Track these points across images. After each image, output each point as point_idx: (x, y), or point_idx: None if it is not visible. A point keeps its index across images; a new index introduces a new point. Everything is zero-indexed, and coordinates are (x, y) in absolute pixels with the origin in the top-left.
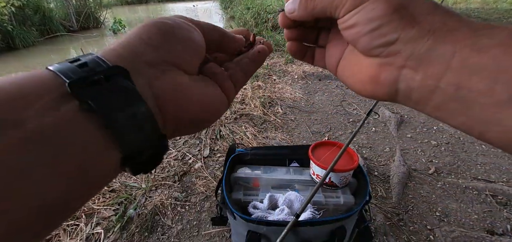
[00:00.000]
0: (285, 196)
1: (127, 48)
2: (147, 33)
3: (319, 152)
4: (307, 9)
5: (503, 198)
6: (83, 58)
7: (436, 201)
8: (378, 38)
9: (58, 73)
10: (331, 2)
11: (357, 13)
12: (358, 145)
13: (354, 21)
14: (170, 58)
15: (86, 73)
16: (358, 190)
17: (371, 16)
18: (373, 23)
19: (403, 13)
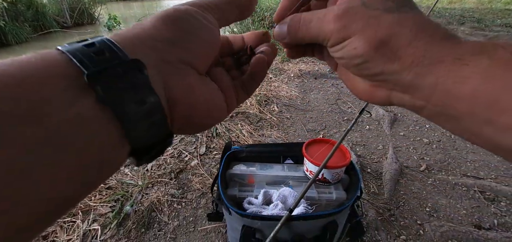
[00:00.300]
0: (279, 192)
1: (144, 39)
2: (166, 26)
3: (313, 149)
4: (296, 38)
5: (491, 194)
6: (97, 42)
7: (426, 197)
8: (364, 71)
9: (75, 60)
10: (317, 35)
11: (342, 49)
12: (352, 142)
13: (341, 55)
14: (186, 57)
15: (103, 65)
16: (350, 186)
17: (354, 54)
18: (356, 59)
19: (383, 50)
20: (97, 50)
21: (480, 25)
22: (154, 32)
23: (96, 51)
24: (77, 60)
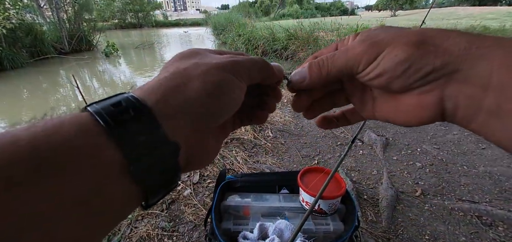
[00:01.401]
0: (275, 225)
1: (184, 108)
2: (206, 94)
3: (308, 178)
4: (321, 75)
5: (488, 218)
6: (122, 99)
7: (424, 224)
8: (413, 75)
9: (100, 121)
10: (346, 64)
11: (380, 63)
12: (347, 168)
13: (380, 71)
14: (214, 124)
15: (125, 123)
16: (347, 216)
17: (398, 60)
18: (402, 65)
19: (426, 48)
20: (123, 109)
21: None
22: (194, 101)
23: (122, 110)
24: (101, 119)
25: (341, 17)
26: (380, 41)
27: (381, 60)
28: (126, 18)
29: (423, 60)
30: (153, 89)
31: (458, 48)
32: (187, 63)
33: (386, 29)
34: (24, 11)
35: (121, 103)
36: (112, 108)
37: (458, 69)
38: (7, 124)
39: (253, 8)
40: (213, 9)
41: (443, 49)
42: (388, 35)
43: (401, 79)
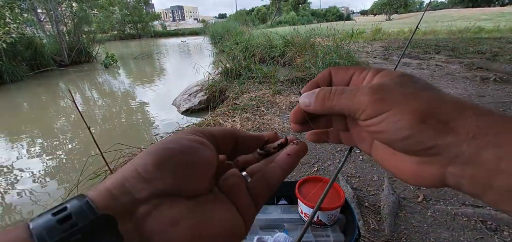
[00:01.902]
0: (274, 238)
1: (120, 185)
2: (143, 165)
3: (306, 189)
4: (324, 107)
5: (493, 223)
6: (70, 206)
7: (428, 231)
8: (413, 146)
9: (35, 239)
10: (349, 106)
11: (383, 121)
12: (347, 175)
13: (382, 129)
14: (166, 188)
15: (62, 237)
16: (347, 227)
17: (399, 126)
18: (402, 132)
19: (431, 122)
20: (63, 217)
21: (454, 54)
22: (132, 173)
23: (62, 218)
24: (37, 237)
25: (337, 22)
26: (388, 99)
27: (384, 119)
28: (125, 29)
29: (425, 135)
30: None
31: (466, 131)
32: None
33: (407, 83)
34: (24, 25)
35: (70, 217)
36: (57, 225)
37: (463, 153)
38: (7, 137)
39: (250, 16)
40: (211, 18)
41: (449, 128)
42: (400, 94)
43: (400, 144)
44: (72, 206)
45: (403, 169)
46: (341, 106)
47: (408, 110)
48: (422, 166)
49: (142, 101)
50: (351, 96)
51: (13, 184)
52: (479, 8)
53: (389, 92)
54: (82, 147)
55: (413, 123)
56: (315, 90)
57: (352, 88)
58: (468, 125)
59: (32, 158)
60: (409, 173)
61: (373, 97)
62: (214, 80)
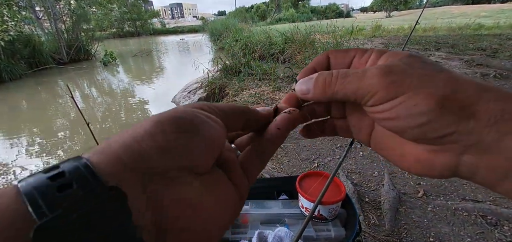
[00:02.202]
0: (275, 233)
1: (131, 150)
2: (160, 132)
3: (307, 183)
4: (325, 93)
5: (493, 218)
6: (67, 170)
7: (428, 226)
8: (429, 132)
9: (28, 205)
10: (355, 91)
11: (396, 107)
12: (347, 170)
13: (395, 114)
14: (182, 162)
15: (64, 207)
16: (348, 221)
17: (416, 112)
18: (419, 118)
19: (451, 106)
20: (62, 185)
21: (454, 50)
22: (145, 137)
23: (60, 185)
24: (30, 205)
25: (337, 19)
26: (402, 81)
27: (398, 104)
28: (124, 27)
29: (445, 120)
30: (102, 145)
31: (488, 116)
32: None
33: (417, 64)
34: (23, 23)
35: (64, 174)
36: (56, 192)
37: (483, 140)
38: (6, 136)
39: (249, 14)
40: (210, 16)
41: (470, 112)
42: (415, 76)
43: (415, 132)
44: (71, 172)
45: (410, 159)
46: (345, 91)
47: (425, 94)
48: (433, 154)
49: (141, 99)
50: (358, 80)
51: (12, 182)
52: (479, 5)
53: (403, 74)
54: (81, 145)
55: (431, 108)
56: (313, 76)
57: (358, 71)
58: (491, 109)
59: (31, 156)
60: (417, 163)
61: (385, 80)
62: (213, 78)
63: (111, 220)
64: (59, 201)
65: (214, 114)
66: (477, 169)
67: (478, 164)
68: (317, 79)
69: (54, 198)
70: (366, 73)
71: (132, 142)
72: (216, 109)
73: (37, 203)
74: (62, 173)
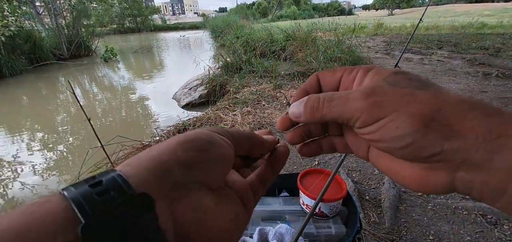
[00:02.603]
0: (275, 230)
1: (157, 163)
2: (182, 150)
3: (308, 181)
4: (314, 117)
5: (493, 217)
6: (105, 180)
7: (428, 224)
8: (416, 153)
9: (74, 207)
10: (341, 114)
11: (380, 129)
12: (348, 168)
13: (379, 137)
14: (201, 177)
15: (103, 210)
16: (349, 218)
17: (398, 134)
18: (403, 140)
19: (435, 126)
20: (102, 190)
21: (457, 49)
22: (170, 155)
23: (101, 191)
24: (76, 207)
25: (339, 17)
26: (383, 103)
27: (381, 127)
28: (125, 23)
29: (429, 140)
30: (132, 158)
31: (475, 135)
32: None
33: (402, 82)
34: (23, 18)
35: (101, 182)
36: (96, 197)
37: (472, 158)
38: (7, 131)
39: (250, 10)
40: (211, 12)
41: (456, 131)
42: (397, 96)
43: (402, 152)
44: (108, 182)
45: (406, 176)
46: (332, 115)
47: (407, 115)
48: (428, 172)
49: (142, 95)
50: (342, 104)
51: (14, 178)
52: (483, 4)
53: (384, 95)
54: (82, 140)
55: (414, 129)
56: (303, 99)
57: (342, 94)
58: (477, 127)
59: (32, 152)
60: (413, 180)
61: (366, 103)
62: (214, 74)
63: (142, 221)
64: (100, 204)
65: (226, 137)
66: (472, 184)
67: (472, 181)
68: (306, 104)
69: (95, 201)
70: (349, 97)
71: (157, 157)
72: (227, 132)
73: (82, 205)
74: (100, 182)
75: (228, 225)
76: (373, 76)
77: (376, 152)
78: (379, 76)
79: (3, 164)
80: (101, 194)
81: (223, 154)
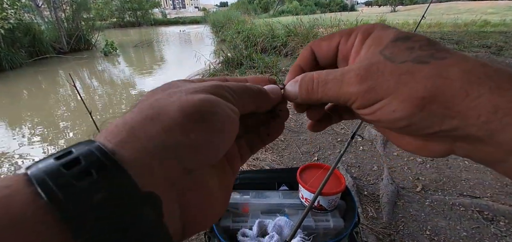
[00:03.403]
0: (275, 222)
1: (165, 147)
2: (188, 124)
3: (307, 175)
4: (311, 99)
5: (489, 213)
6: (83, 151)
7: (425, 219)
8: (414, 132)
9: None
10: (337, 97)
11: (374, 112)
12: (347, 164)
13: (377, 118)
14: (208, 159)
15: (98, 216)
16: (347, 212)
17: (394, 118)
18: (400, 122)
19: (432, 108)
20: (81, 171)
21: (459, 47)
22: (177, 133)
23: (79, 172)
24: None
25: (341, 13)
26: (379, 86)
27: (377, 110)
28: (125, 17)
29: (426, 122)
30: (118, 131)
31: (477, 114)
32: (159, 95)
33: (401, 56)
34: (22, 11)
35: (78, 160)
36: (63, 170)
37: (473, 135)
38: (7, 124)
39: (252, 5)
40: (212, 7)
41: (456, 112)
42: (393, 76)
43: (402, 132)
44: (84, 153)
45: (409, 145)
46: (328, 97)
47: (403, 97)
48: (427, 142)
49: (142, 90)
50: (337, 86)
51: (14, 172)
52: (487, 1)
53: (380, 75)
54: (82, 134)
55: (410, 111)
56: (298, 78)
57: (337, 76)
58: (481, 106)
59: (33, 145)
60: (413, 147)
61: (362, 87)
62: (215, 70)
63: (146, 223)
64: (103, 219)
65: (232, 100)
66: (473, 153)
67: (472, 150)
68: (301, 86)
69: (68, 183)
70: (344, 79)
71: (163, 135)
72: (233, 93)
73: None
74: (78, 159)
75: (225, 198)
76: (370, 46)
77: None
78: (376, 47)
79: (3, 157)
80: (80, 177)
81: (231, 129)
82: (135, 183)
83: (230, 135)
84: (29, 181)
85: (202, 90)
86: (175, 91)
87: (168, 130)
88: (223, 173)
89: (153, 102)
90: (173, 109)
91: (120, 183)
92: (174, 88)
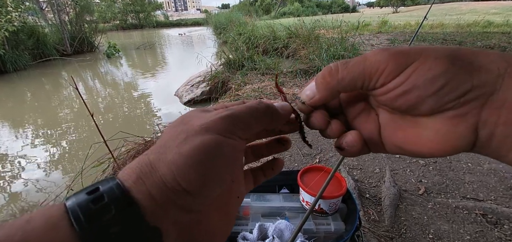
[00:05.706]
0: (275, 225)
1: (168, 189)
2: (191, 171)
3: (308, 178)
4: (330, 85)
5: (493, 216)
6: (106, 189)
7: (428, 223)
8: (449, 94)
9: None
10: (362, 71)
11: (410, 77)
12: (349, 167)
13: (409, 87)
14: (210, 198)
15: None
16: (348, 216)
17: (432, 76)
18: (437, 82)
19: (461, 63)
20: (103, 206)
21: None
22: (178, 178)
23: (102, 206)
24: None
25: (342, 14)
26: (406, 51)
27: (411, 73)
28: (127, 19)
29: (460, 76)
30: (132, 171)
31: (496, 66)
32: (170, 133)
33: (406, 46)
34: (26, 14)
35: (103, 197)
36: (91, 205)
37: (497, 90)
38: (11, 126)
39: (253, 7)
40: (214, 9)
41: (479, 66)
42: (417, 48)
43: (434, 99)
44: (107, 193)
45: (431, 137)
46: (352, 75)
47: (433, 57)
48: (455, 123)
49: (144, 92)
50: (362, 62)
51: (18, 173)
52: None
53: (404, 48)
54: (85, 136)
55: (445, 67)
56: (311, 80)
57: (357, 58)
58: (496, 61)
59: (36, 147)
60: (434, 143)
61: (390, 53)
62: (216, 71)
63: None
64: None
65: (231, 134)
66: (495, 128)
67: (497, 120)
68: (317, 78)
69: (94, 216)
70: (367, 55)
71: (167, 179)
72: (235, 125)
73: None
74: (101, 196)
75: (227, 226)
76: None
77: (390, 126)
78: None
79: (7, 159)
80: (103, 210)
81: (229, 168)
82: (144, 217)
83: (229, 175)
84: (66, 213)
85: (206, 128)
86: (181, 129)
87: (165, 176)
88: (226, 205)
89: (161, 144)
90: (172, 155)
91: (132, 218)
92: (184, 124)
